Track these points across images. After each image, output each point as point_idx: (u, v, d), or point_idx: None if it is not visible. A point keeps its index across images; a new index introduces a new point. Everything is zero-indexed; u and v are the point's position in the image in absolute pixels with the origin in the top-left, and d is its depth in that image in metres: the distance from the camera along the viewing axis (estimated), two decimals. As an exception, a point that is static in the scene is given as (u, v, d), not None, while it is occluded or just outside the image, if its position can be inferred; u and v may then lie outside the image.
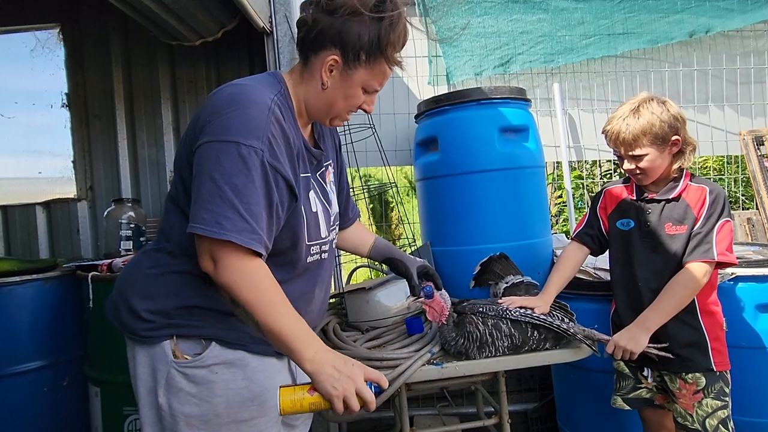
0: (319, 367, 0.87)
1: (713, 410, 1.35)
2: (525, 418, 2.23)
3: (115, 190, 2.53)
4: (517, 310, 1.40)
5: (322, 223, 1.09)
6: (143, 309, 0.99)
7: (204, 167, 0.90)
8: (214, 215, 0.87)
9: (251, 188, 0.89)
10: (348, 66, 0.98)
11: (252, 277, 0.88)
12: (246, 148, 0.89)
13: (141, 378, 1.00)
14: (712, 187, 1.41)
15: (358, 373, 0.87)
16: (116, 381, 1.71)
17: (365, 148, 2.34)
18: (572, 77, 2.51)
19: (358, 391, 0.86)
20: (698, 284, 1.35)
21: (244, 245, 0.87)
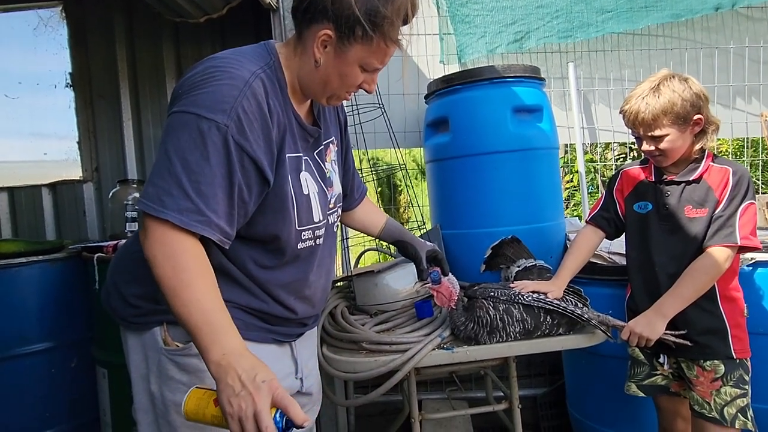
0: (224, 373, 0.73)
1: (732, 398, 1.32)
2: (534, 403, 2.21)
3: (120, 171, 2.50)
4: (530, 294, 1.37)
5: (315, 206, 1.02)
6: (131, 294, 0.96)
7: (163, 139, 0.84)
8: (158, 190, 0.81)
9: (204, 166, 0.82)
10: (342, 42, 0.90)
11: (173, 252, 0.80)
12: (207, 122, 0.82)
13: (134, 364, 0.97)
14: (735, 168, 1.35)
15: (263, 393, 0.71)
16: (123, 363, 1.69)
17: (374, 129, 2.28)
18: (587, 56, 2.43)
19: (256, 416, 0.70)
20: (719, 270, 1.30)
21: (183, 226, 0.80)
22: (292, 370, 1.08)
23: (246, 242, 0.95)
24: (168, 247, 0.80)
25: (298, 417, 0.72)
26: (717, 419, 1.32)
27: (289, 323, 1.04)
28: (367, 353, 1.40)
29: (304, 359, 1.12)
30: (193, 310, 0.78)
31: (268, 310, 0.99)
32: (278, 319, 1.01)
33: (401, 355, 1.36)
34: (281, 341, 1.04)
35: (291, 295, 1.02)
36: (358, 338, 1.44)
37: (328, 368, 1.41)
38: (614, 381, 1.60)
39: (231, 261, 0.95)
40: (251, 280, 0.97)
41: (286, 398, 0.73)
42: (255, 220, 0.94)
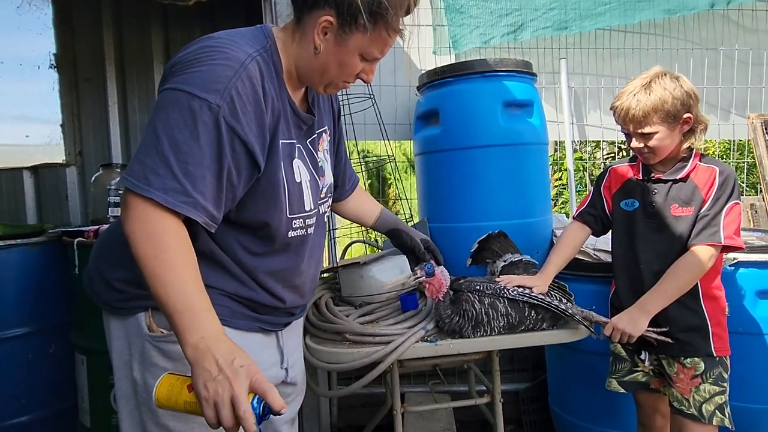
0: (201, 357, 0.71)
1: (711, 395, 1.33)
2: (516, 398, 2.22)
3: (105, 156, 2.46)
4: (515, 289, 1.37)
5: (307, 194, 1.00)
6: (115, 278, 0.93)
7: (153, 116, 0.82)
8: (144, 168, 0.78)
9: (193, 146, 0.79)
10: (343, 29, 0.88)
11: (154, 230, 0.77)
12: (199, 101, 0.79)
13: (116, 350, 0.95)
14: (722, 167, 1.36)
15: (241, 378, 0.69)
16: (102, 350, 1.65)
17: (364, 120, 2.27)
18: (578, 53, 2.44)
19: (233, 401, 0.68)
20: (703, 268, 1.31)
21: (168, 206, 0.78)
22: (277, 359, 1.07)
23: (236, 228, 0.94)
24: (149, 225, 0.78)
25: (276, 403, 0.70)
26: (695, 416, 1.33)
27: (277, 312, 1.03)
28: (351, 344, 1.39)
29: (290, 349, 1.11)
30: (172, 292, 0.75)
31: (256, 298, 0.98)
32: (266, 307, 1.00)
33: (384, 346, 1.35)
34: (268, 330, 1.03)
35: (280, 283, 1.00)
36: (341, 329, 1.43)
37: (311, 359, 1.40)
38: (596, 377, 1.62)
39: (220, 247, 0.93)
40: (240, 267, 0.95)
41: (265, 383, 0.71)
42: (246, 206, 0.92)
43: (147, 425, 0.92)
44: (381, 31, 0.90)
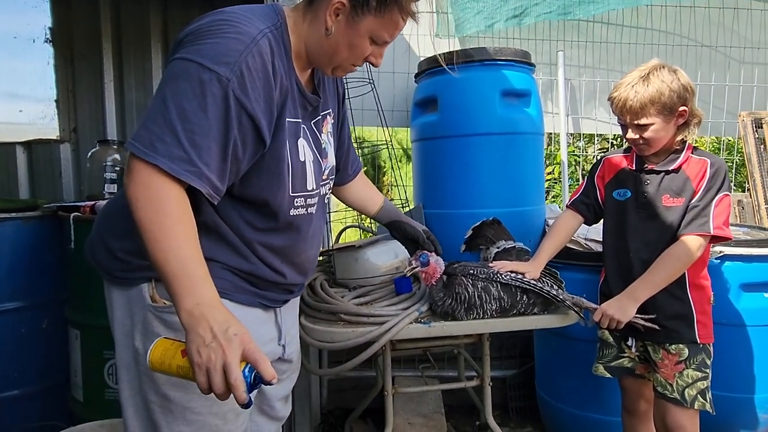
0: (195, 323, 0.72)
1: (693, 381, 1.38)
2: (503, 384, 2.26)
3: (99, 133, 2.43)
4: (508, 274, 1.39)
5: (309, 174, 1.01)
6: (119, 248, 0.94)
7: (162, 84, 0.82)
8: (151, 135, 0.79)
9: (201, 117, 0.80)
10: (356, 11, 0.90)
11: (157, 195, 0.78)
12: (210, 73, 0.80)
13: (118, 320, 0.96)
14: (713, 160, 1.39)
15: (234, 346, 0.70)
16: (97, 324, 1.67)
17: (361, 106, 2.27)
18: (576, 46, 2.46)
19: (225, 368, 0.69)
20: (692, 258, 1.35)
21: (172, 173, 0.78)
22: (275, 335, 1.08)
23: (239, 202, 0.95)
24: (152, 190, 0.78)
25: (267, 372, 0.71)
26: (678, 400, 1.38)
27: (277, 288, 1.04)
28: (345, 324, 1.41)
29: (288, 326, 1.12)
30: (171, 257, 0.76)
31: (257, 273, 0.99)
32: (266, 282, 1.01)
33: (378, 327, 1.37)
34: (267, 306, 1.04)
35: (279, 259, 1.02)
36: (336, 309, 1.45)
37: (305, 337, 1.42)
38: (582, 363, 1.66)
39: (224, 220, 0.94)
40: (242, 241, 0.96)
41: (257, 353, 0.72)
42: (249, 181, 0.93)
43: (147, 394, 0.93)
44: (393, 14, 0.91)
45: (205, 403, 0.93)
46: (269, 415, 1.16)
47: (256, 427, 1.14)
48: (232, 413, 0.97)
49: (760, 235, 1.95)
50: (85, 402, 1.79)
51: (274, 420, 1.17)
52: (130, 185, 0.80)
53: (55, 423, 1.67)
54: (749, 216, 2.38)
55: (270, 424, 1.17)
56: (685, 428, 1.37)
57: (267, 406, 1.14)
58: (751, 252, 1.84)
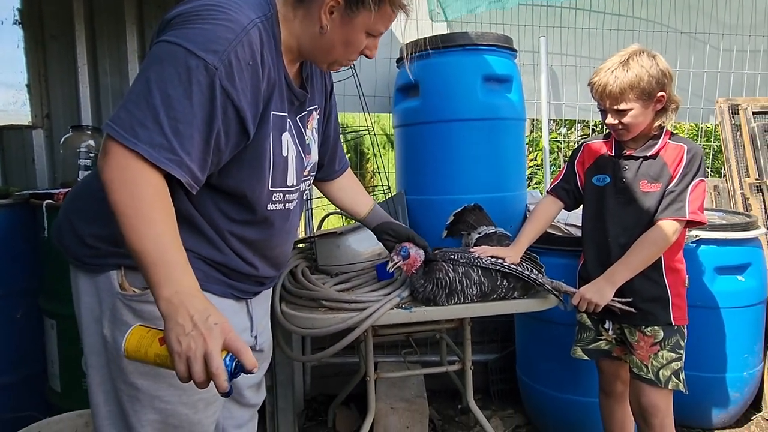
0: (174, 311, 0.71)
1: (667, 362, 1.41)
2: (485, 368, 2.29)
3: (73, 119, 2.36)
4: (488, 258, 1.40)
5: (291, 170, 1.00)
6: (89, 233, 0.91)
7: (145, 66, 0.79)
8: (132, 119, 0.76)
9: (185, 105, 0.78)
10: (350, 8, 0.88)
11: (134, 180, 0.75)
12: (197, 60, 0.77)
13: (85, 305, 0.94)
14: (690, 146, 1.41)
15: (215, 335, 0.70)
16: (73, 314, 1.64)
17: (343, 91, 2.25)
18: (558, 31, 2.46)
19: (206, 357, 0.68)
20: (668, 241, 1.37)
21: (153, 161, 0.76)
22: (248, 326, 1.07)
23: (216, 192, 0.93)
24: (129, 174, 0.76)
25: (248, 361, 0.71)
26: (653, 380, 1.41)
27: (249, 280, 1.03)
28: (327, 310, 1.41)
29: (259, 317, 1.11)
30: (148, 244, 0.74)
31: (229, 264, 0.97)
32: (238, 274, 1.00)
33: (360, 312, 1.37)
34: (239, 297, 1.03)
35: (251, 252, 1.00)
36: (317, 296, 1.45)
37: (287, 324, 1.42)
38: (561, 346, 1.68)
39: (197, 210, 0.92)
40: (216, 232, 0.95)
41: (238, 341, 0.72)
42: (229, 172, 0.92)
43: (116, 382, 0.92)
44: (386, 8, 0.91)
45: (174, 392, 0.92)
46: (240, 403, 1.15)
47: (228, 414, 1.14)
48: (202, 403, 0.96)
49: (735, 220, 1.99)
50: (63, 392, 1.76)
51: (246, 407, 1.17)
52: (105, 168, 0.76)
53: (32, 413, 1.64)
54: (725, 201, 2.43)
55: (243, 411, 1.16)
56: (659, 408, 1.41)
57: (237, 395, 1.14)
58: (726, 236, 1.88)
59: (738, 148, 2.38)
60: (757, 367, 2.00)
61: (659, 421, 1.41)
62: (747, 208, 2.26)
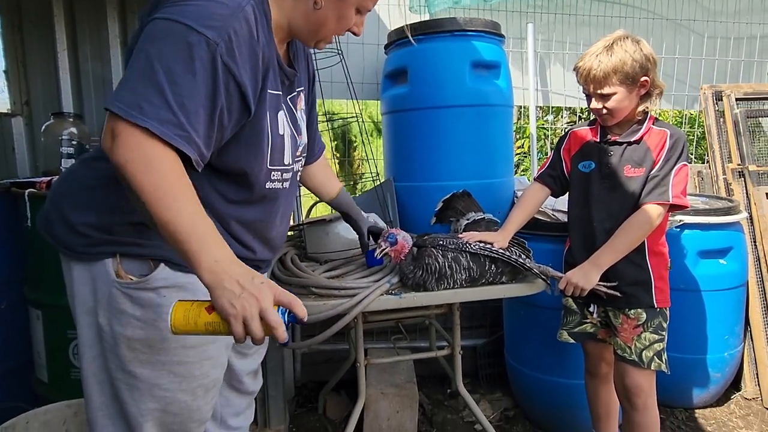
0: (219, 279, 0.72)
1: (650, 343, 1.44)
2: (474, 353, 2.32)
3: (54, 106, 2.31)
4: (477, 243, 1.41)
5: (287, 148, 1.00)
6: (81, 222, 0.90)
7: (143, 44, 0.77)
8: (137, 96, 0.74)
9: (189, 80, 0.77)
10: None
11: (152, 158, 0.74)
12: (198, 35, 0.77)
13: (79, 296, 0.92)
14: (673, 131, 1.43)
15: (265, 293, 0.72)
16: (59, 304, 1.61)
17: (330, 78, 2.23)
18: (546, 18, 2.46)
19: (262, 314, 0.71)
20: (652, 225, 1.39)
21: (163, 137, 0.75)
22: None
23: (214, 173, 0.93)
24: (146, 152, 0.74)
25: (300, 311, 0.75)
26: (636, 361, 1.44)
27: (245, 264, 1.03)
28: (317, 297, 1.41)
29: None
30: (180, 218, 0.73)
31: None
32: None
33: (350, 299, 1.37)
34: None
35: (250, 234, 1.01)
36: (307, 283, 1.44)
37: (277, 311, 1.42)
38: (548, 330, 1.71)
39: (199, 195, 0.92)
40: (214, 215, 0.94)
41: (286, 294, 0.74)
42: (228, 151, 0.91)
43: (112, 371, 0.91)
44: None
45: (174, 379, 0.92)
46: (239, 390, 1.16)
47: (226, 402, 1.14)
48: (201, 389, 0.96)
49: (717, 205, 2.03)
50: (51, 383, 1.75)
51: (244, 394, 1.17)
52: (117, 150, 0.74)
53: (20, 404, 1.62)
54: (708, 186, 2.47)
55: (241, 399, 1.17)
56: (642, 388, 1.44)
57: (236, 381, 1.14)
58: (709, 221, 1.92)
59: (721, 134, 2.41)
60: (737, 348, 2.05)
61: (642, 401, 1.45)
62: (729, 193, 2.30)
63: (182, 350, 0.92)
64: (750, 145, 2.34)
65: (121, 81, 0.78)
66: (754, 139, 2.42)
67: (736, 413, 2.07)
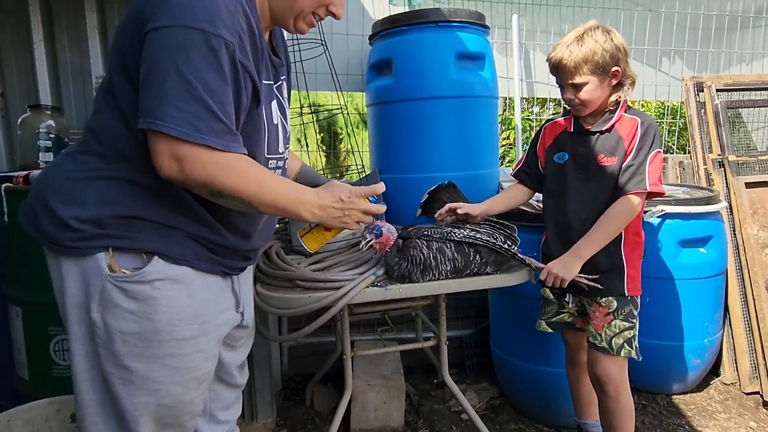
0: (324, 214, 0.95)
1: (620, 330, 1.45)
2: (460, 344, 2.34)
3: (31, 98, 2.25)
4: (461, 231, 1.42)
5: (281, 137, 1.04)
6: (70, 216, 0.88)
7: (166, 56, 0.79)
8: (186, 115, 0.79)
9: (224, 86, 0.82)
10: None
11: (226, 165, 0.84)
12: (216, 39, 0.80)
13: (69, 292, 0.91)
14: (643, 118, 1.42)
15: (356, 200, 0.98)
16: (39, 300, 1.59)
17: (315, 69, 2.21)
18: (530, 8, 2.46)
19: (365, 211, 0.99)
20: (633, 214, 1.40)
21: (224, 149, 0.83)
22: (232, 303, 1.08)
23: None
24: (221, 163, 0.84)
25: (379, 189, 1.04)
26: (606, 348, 1.45)
27: (236, 255, 1.04)
28: (302, 290, 1.41)
29: (244, 293, 1.13)
30: (277, 197, 0.90)
31: (218, 241, 0.98)
32: (227, 250, 1.01)
33: (335, 291, 1.37)
34: (226, 274, 1.03)
35: (246, 222, 1.02)
36: (293, 276, 1.44)
37: (262, 305, 1.41)
38: (532, 320, 1.72)
39: None
40: (207, 207, 0.95)
41: (364, 189, 1.00)
42: None
43: (105, 366, 0.91)
44: None
45: (167, 371, 0.93)
46: (228, 383, 1.16)
47: (215, 396, 1.14)
48: (194, 381, 0.97)
49: (698, 194, 2.06)
50: (32, 380, 1.72)
51: (233, 387, 1.18)
52: (191, 171, 0.82)
53: (1, 403, 1.59)
54: (689, 176, 2.50)
55: (230, 392, 1.17)
56: (612, 375, 1.45)
57: (226, 374, 1.14)
58: (689, 210, 1.95)
59: (702, 124, 2.45)
60: (716, 335, 2.10)
61: (614, 387, 1.46)
62: (710, 183, 2.34)
63: (175, 343, 0.92)
64: (730, 135, 2.38)
65: (153, 96, 0.79)
66: (734, 130, 2.46)
67: (715, 398, 2.12)
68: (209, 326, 0.97)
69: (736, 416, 2.00)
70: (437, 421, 1.97)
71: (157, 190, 0.90)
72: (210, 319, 0.97)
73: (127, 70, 0.87)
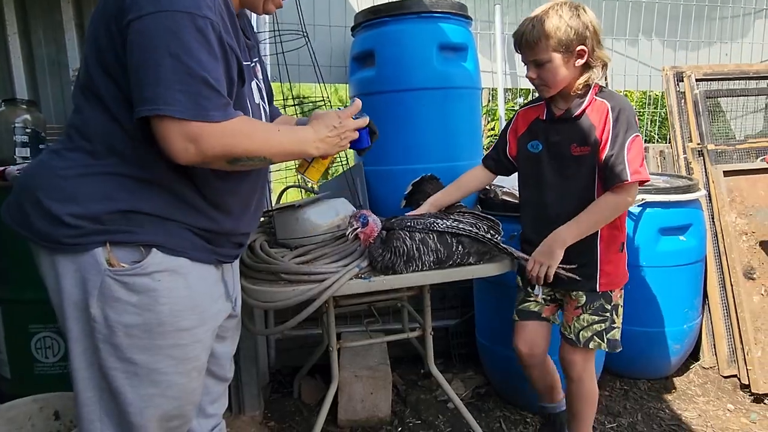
0: (326, 148, 1.01)
1: (588, 324, 1.44)
2: (446, 333, 2.36)
3: (6, 92, 2.20)
4: (444, 222, 1.42)
5: (262, 117, 1.06)
6: (66, 213, 0.87)
7: (156, 43, 0.79)
8: (191, 95, 0.80)
9: (214, 63, 0.83)
10: None
11: (236, 130, 0.87)
12: (203, 20, 0.81)
13: (66, 290, 0.90)
14: (614, 102, 1.35)
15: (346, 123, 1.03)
16: (19, 299, 1.58)
17: (298, 61, 2.19)
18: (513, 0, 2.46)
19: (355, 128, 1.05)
20: (627, 205, 1.37)
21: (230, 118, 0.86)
22: (223, 292, 1.08)
23: None
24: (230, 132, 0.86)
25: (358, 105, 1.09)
26: (573, 340, 1.46)
27: (229, 242, 1.05)
28: (286, 283, 1.41)
29: (233, 282, 1.15)
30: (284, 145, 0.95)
31: (212, 228, 0.99)
32: (221, 236, 1.01)
33: (319, 284, 1.38)
34: (219, 262, 1.04)
35: (240, 204, 1.03)
36: (277, 269, 1.44)
37: (247, 299, 1.41)
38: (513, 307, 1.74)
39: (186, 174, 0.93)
40: (202, 194, 0.96)
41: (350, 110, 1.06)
42: None
43: (107, 361, 0.90)
44: None
45: (170, 362, 0.93)
46: (217, 376, 1.17)
47: (205, 389, 1.14)
48: (195, 371, 0.99)
49: (678, 183, 2.09)
50: (14, 378, 1.70)
51: (221, 381, 1.19)
52: (207, 148, 0.84)
53: (-18, 402, 1.58)
54: (669, 165, 2.54)
55: (218, 385, 1.18)
56: (575, 363, 1.47)
57: (217, 366, 1.15)
58: (670, 198, 1.98)
59: (682, 114, 2.48)
60: (696, 320, 2.14)
61: (577, 374, 1.48)
62: (689, 172, 2.38)
63: (176, 333, 0.93)
64: (709, 124, 2.42)
65: (151, 84, 0.80)
66: (714, 119, 2.49)
67: (694, 382, 2.17)
68: (206, 316, 0.98)
69: (714, 399, 2.05)
70: (424, 411, 2.00)
71: (151, 183, 0.90)
72: (206, 309, 0.99)
73: (105, 65, 0.86)
